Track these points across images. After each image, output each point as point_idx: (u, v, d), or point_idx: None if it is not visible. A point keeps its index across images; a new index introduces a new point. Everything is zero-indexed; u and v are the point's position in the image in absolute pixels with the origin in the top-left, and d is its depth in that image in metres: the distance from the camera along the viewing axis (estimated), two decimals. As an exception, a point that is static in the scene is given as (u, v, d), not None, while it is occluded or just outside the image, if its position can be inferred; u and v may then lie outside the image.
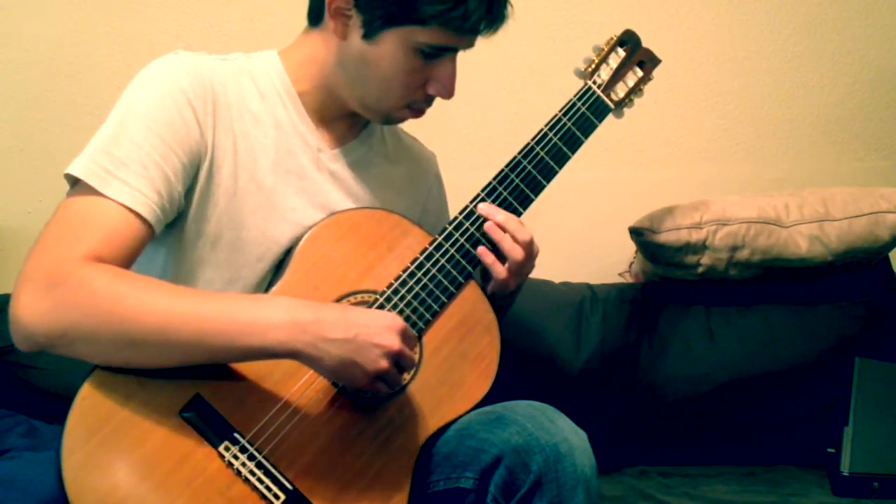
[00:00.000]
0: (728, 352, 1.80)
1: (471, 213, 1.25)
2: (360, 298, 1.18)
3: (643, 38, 1.40)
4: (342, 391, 1.13)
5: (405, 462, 1.14)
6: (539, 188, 1.28)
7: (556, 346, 1.77)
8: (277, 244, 1.20)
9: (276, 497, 1.05)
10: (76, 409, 1.01)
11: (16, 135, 1.85)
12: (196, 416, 1.05)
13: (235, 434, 1.06)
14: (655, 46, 1.42)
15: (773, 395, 1.80)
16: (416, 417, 1.17)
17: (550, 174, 1.29)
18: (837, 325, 1.83)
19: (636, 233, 1.83)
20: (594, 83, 1.35)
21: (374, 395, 1.14)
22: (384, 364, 1.06)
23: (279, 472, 1.07)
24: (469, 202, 1.26)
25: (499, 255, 1.24)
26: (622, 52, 1.39)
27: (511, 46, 1.98)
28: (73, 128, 1.84)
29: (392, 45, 1.15)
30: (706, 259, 1.79)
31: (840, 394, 1.71)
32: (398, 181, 1.35)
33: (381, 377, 1.08)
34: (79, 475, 0.99)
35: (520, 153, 1.28)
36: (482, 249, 1.24)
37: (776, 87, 2.12)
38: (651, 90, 1.44)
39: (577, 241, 2.05)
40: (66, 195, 1.08)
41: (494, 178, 1.27)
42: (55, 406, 1.13)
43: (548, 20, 2.01)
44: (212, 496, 1.03)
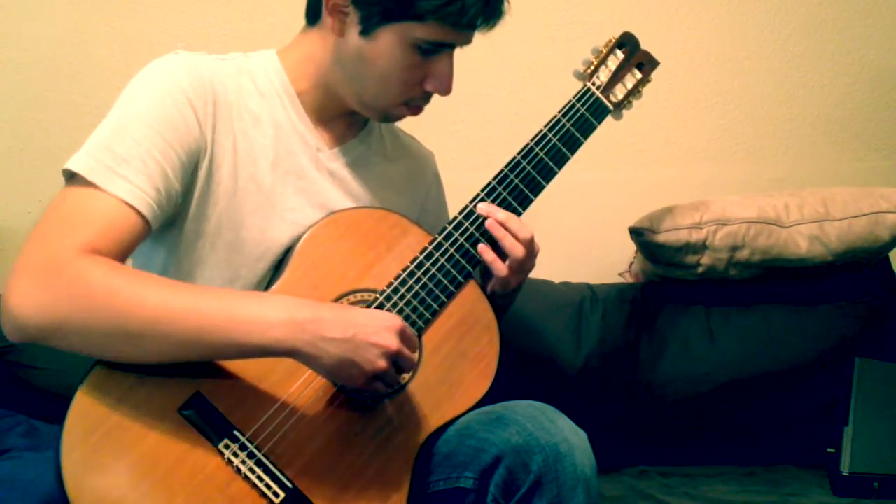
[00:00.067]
0: (728, 352, 1.80)
1: (470, 213, 1.25)
2: (360, 297, 1.18)
3: (643, 39, 1.40)
4: (342, 390, 1.13)
5: (404, 461, 1.14)
6: (538, 188, 1.28)
7: (556, 346, 1.77)
8: (277, 244, 1.20)
9: (276, 495, 1.05)
10: (75, 408, 1.01)
11: (16, 135, 1.85)
12: (195, 414, 1.05)
13: (235, 432, 1.06)
14: (655, 46, 1.42)
15: (773, 395, 1.80)
16: (416, 416, 1.17)
17: (550, 175, 1.29)
18: (837, 325, 1.83)
19: (636, 233, 1.83)
20: (593, 85, 1.35)
21: (374, 394, 1.14)
22: (382, 364, 1.06)
23: (279, 470, 1.07)
24: (469, 202, 1.26)
25: (499, 253, 1.24)
26: (621, 54, 1.39)
27: (511, 46, 1.99)
28: (73, 128, 1.84)
29: (389, 42, 1.15)
30: (706, 259, 1.79)
31: (840, 394, 1.71)
32: (397, 180, 1.35)
33: (379, 377, 1.08)
34: (78, 473, 0.99)
35: (519, 154, 1.29)
36: (483, 247, 1.24)
37: (776, 87, 2.12)
38: (651, 90, 1.44)
39: (577, 241, 2.05)
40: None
41: (494, 179, 1.27)
42: (55, 406, 1.13)
43: (548, 20, 2.01)
44: (211, 494, 1.03)
